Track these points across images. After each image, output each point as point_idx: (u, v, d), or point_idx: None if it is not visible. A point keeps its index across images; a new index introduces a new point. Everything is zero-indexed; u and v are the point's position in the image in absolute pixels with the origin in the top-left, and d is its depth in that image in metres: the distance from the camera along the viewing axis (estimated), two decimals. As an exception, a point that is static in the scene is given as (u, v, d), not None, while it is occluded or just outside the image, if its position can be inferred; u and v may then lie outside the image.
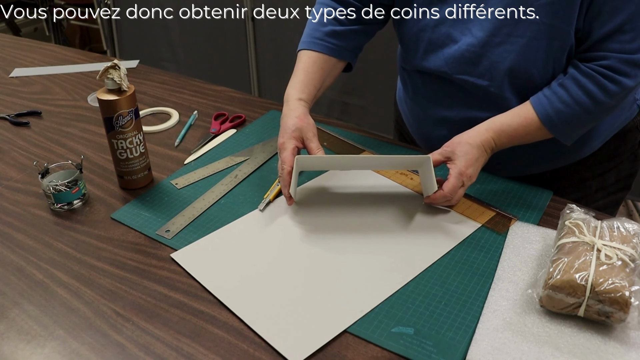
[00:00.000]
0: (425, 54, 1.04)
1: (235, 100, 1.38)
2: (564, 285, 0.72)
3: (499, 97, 1.00)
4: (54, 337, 0.75)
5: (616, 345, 0.71)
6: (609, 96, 0.91)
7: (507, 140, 0.97)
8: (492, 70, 0.97)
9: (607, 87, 0.90)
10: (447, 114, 1.08)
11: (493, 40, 0.95)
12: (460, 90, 1.03)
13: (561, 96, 0.93)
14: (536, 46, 0.93)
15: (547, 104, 0.94)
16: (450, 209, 0.97)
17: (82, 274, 0.86)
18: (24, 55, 1.69)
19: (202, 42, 2.66)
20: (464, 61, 0.99)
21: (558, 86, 0.94)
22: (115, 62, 0.97)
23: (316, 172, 1.07)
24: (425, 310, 0.77)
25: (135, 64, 1.61)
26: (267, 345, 0.73)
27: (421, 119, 1.15)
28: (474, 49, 0.97)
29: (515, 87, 0.98)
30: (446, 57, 1.01)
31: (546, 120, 0.94)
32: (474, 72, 0.99)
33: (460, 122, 1.05)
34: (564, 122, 0.94)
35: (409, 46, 1.07)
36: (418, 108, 1.14)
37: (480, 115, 1.01)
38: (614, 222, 0.80)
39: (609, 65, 0.89)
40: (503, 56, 0.95)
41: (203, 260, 0.87)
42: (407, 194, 1.01)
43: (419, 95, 1.12)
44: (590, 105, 0.92)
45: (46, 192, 0.99)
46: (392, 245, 0.89)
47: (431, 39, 1.02)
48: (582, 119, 0.94)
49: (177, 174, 1.09)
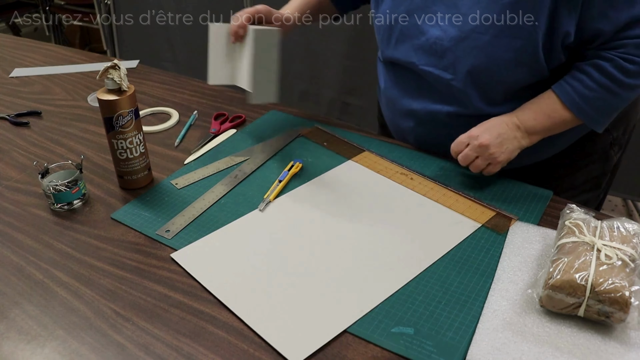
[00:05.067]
0: (396, 44, 1.09)
1: (235, 100, 1.38)
2: (564, 285, 0.72)
3: (461, 92, 1.03)
4: (54, 337, 0.75)
5: (616, 345, 0.71)
6: (631, 76, 0.94)
7: (532, 116, 0.99)
8: (456, 65, 1.01)
9: (628, 68, 0.93)
10: (414, 106, 1.12)
11: (459, 36, 0.98)
12: (426, 83, 1.08)
13: (585, 81, 0.96)
14: (497, 44, 0.95)
15: (570, 90, 0.97)
16: (450, 209, 0.97)
17: (82, 274, 0.86)
18: (24, 55, 1.69)
19: (202, 42, 2.66)
20: (431, 53, 1.03)
21: (579, 72, 0.97)
22: (115, 62, 0.97)
23: (316, 172, 1.07)
24: (425, 310, 0.77)
25: (135, 64, 1.61)
26: (267, 345, 0.73)
27: (392, 110, 1.20)
28: (440, 42, 1.01)
29: (478, 84, 1.01)
30: (415, 47, 1.05)
31: (572, 106, 0.97)
32: (439, 64, 1.03)
33: (424, 115, 1.10)
34: (591, 107, 0.96)
35: (383, 36, 1.12)
36: (390, 99, 1.19)
37: (443, 109, 1.07)
38: (614, 222, 0.80)
39: (626, 51, 0.93)
40: (466, 52, 0.99)
41: (203, 260, 0.87)
42: (407, 194, 1.01)
43: (390, 87, 1.17)
44: (615, 87, 0.94)
45: (46, 192, 0.99)
46: (392, 245, 0.89)
47: (402, 30, 1.07)
48: (610, 102, 0.97)
49: (177, 174, 1.09)
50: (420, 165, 1.09)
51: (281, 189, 1.03)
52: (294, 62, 2.46)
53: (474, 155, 0.98)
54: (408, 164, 1.10)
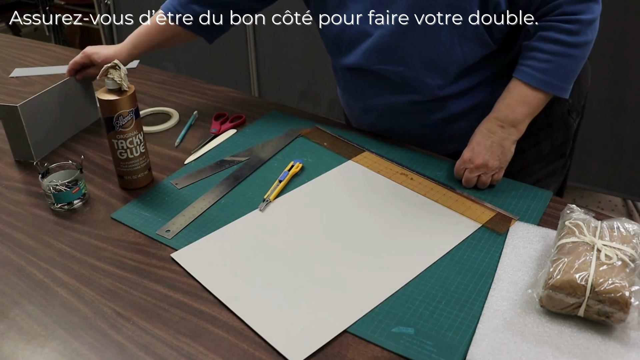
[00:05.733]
0: (347, 52, 1.12)
1: (235, 100, 1.38)
2: (564, 285, 0.72)
3: (416, 79, 1.07)
4: (54, 337, 0.75)
5: (616, 345, 0.71)
6: (576, 35, 0.97)
7: (508, 110, 1.01)
8: (405, 56, 1.04)
9: (570, 29, 0.96)
10: (373, 102, 1.16)
11: (400, 29, 1.01)
12: (380, 80, 1.11)
13: (538, 57, 0.99)
14: (437, 27, 0.99)
15: (529, 70, 0.99)
16: (450, 209, 0.97)
17: (82, 273, 0.86)
18: (24, 55, 1.69)
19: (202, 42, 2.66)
20: (379, 51, 1.06)
21: (530, 51, 0.99)
22: (115, 62, 0.97)
23: (316, 172, 1.07)
24: (425, 310, 0.77)
25: (136, 64, 1.61)
26: (267, 345, 0.73)
27: (353, 109, 1.24)
28: (385, 40, 1.04)
29: (429, 68, 1.05)
30: (363, 51, 1.08)
31: (539, 84, 0.99)
32: (389, 60, 1.06)
33: (384, 108, 1.15)
34: (555, 77, 0.99)
35: (332, 47, 1.17)
36: (349, 100, 1.24)
37: (401, 99, 1.11)
38: (614, 222, 0.80)
39: (562, 11, 0.96)
40: (411, 42, 1.02)
41: (203, 260, 0.87)
42: (407, 194, 1.01)
43: (348, 89, 1.22)
44: (566, 49, 0.97)
45: (46, 192, 0.99)
46: (392, 246, 0.89)
47: (349, 38, 1.10)
48: (569, 65, 1.00)
49: (177, 174, 1.09)
50: (420, 165, 1.09)
51: (281, 189, 1.03)
52: (294, 62, 2.46)
53: (476, 175, 1.01)
54: (408, 164, 1.10)
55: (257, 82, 2.67)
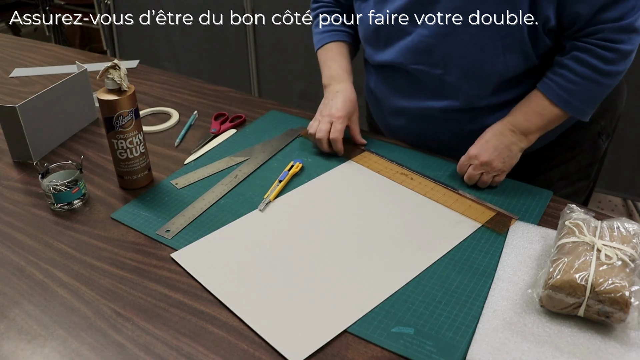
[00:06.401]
0: (384, 48, 1.10)
1: (235, 100, 1.38)
2: (564, 285, 0.72)
3: (453, 86, 1.04)
4: (54, 337, 0.75)
5: (616, 345, 0.71)
6: (611, 63, 0.95)
7: (523, 117, 1.00)
8: (445, 60, 1.02)
9: (606, 56, 0.94)
10: (405, 104, 1.13)
11: (444, 31, 0.99)
12: (416, 81, 1.08)
13: (567, 76, 0.97)
14: (482, 34, 0.97)
15: (554, 86, 0.98)
16: (450, 209, 0.97)
17: (82, 273, 0.86)
18: (24, 55, 1.69)
19: (202, 42, 2.66)
20: (418, 51, 1.04)
21: (561, 68, 0.98)
22: (115, 62, 0.97)
23: (316, 172, 1.07)
24: (425, 310, 0.77)
25: (135, 64, 1.61)
26: (267, 345, 0.73)
27: (382, 109, 1.21)
28: (426, 39, 1.02)
29: (469, 76, 1.03)
30: (401, 48, 1.06)
31: (560, 101, 0.98)
32: (427, 61, 1.04)
33: (416, 111, 1.12)
34: (577, 99, 0.98)
35: (369, 42, 1.14)
36: (379, 99, 1.20)
37: (435, 104, 1.08)
38: (614, 222, 0.80)
39: (603, 37, 0.93)
40: (454, 46, 1.00)
41: (203, 260, 0.87)
42: (407, 194, 1.01)
43: (379, 87, 1.18)
44: (597, 76, 0.96)
45: (46, 192, 0.99)
46: (392, 245, 0.89)
47: (387, 34, 1.08)
48: (594, 91, 0.98)
49: (177, 174, 1.09)
50: (420, 165, 1.09)
51: (281, 189, 1.03)
52: (294, 62, 2.46)
53: (479, 173, 1.00)
54: (408, 164, 1.10)
55: (257, 82, 2.67)
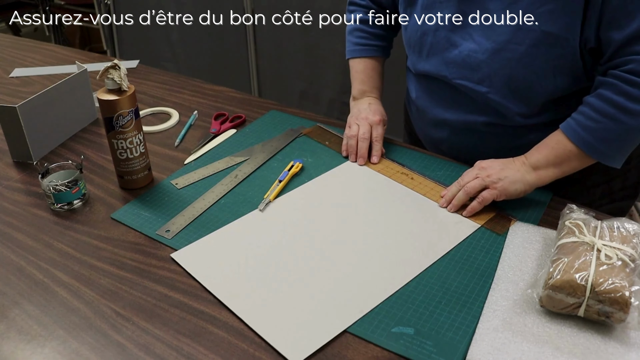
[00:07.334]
0: (427, 57, 1.06)
1: (235, 100, 1.38)
2: (564, 285, 0.72)
3: (498, 103, 1.00)
4: (54, 337, 0.75)
5: (616, 345, 0.71)
6: (636, 101, 0.87)
7: (536, 149, 0.96)
8: (492, 77, 0.98)
9: (631, 92, 0.87)
10: (447, 116, 1.09)
11: (493, 48, 0.95)
12: (459, 95, 1.05)
13: (586, 113, 0.91)
14: (535, 54, 0.92)
15: (573, 123, 0.93)
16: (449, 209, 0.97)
17: (82, 274, 0.86)
18: (24, 55, 1.69)
19: (202, 42, 2.66)
20: (464, 66, 1.00)
21: (583, 105, 0.93)
22: (115, 62, 0.97)
23: (316, 172, 1.07)
24: (425, 310, 0.77)
25: (135, 64, 1.61)
26: (267, 345, 0.73)
27: (423, 120, 1.17)
28: (475, 55, 0.98)
29: (516, 95, 0.98)
30: (447, 61, 1.02)
31: (576, 138, 0.92)
32: (473, 77, 1.00)
33: (459, 124, 1.08)
34: (597, 139, 0.91)
35: (413, 49, 1.10)
36: (420, 109, 1.16)
37: (479, 119, 1.04)
38: (614, 222, 0.80)
39: (631, 69, 0.87)
40: (503, 64, 0.95)
41: (203, 260, 0.87)
42: (407, 194, 1.01)
43: (421, 97, 1.14)
44: (618, 114, 0.88)
45: (46, 192, 0.99)
46: (392, 245, 0.89)
47: (433, 43, 1.04)
48: (618, 132, 0.90)
49: (177, 174, 1.09)
50: (421, 165, 1.09)
51: (281, 189, 1.03)
52: (294, 62, 2.46)
53: (473, 176, 0.96)
54: (408, 163, 1.10)
55: (257, 82, 2.67)
